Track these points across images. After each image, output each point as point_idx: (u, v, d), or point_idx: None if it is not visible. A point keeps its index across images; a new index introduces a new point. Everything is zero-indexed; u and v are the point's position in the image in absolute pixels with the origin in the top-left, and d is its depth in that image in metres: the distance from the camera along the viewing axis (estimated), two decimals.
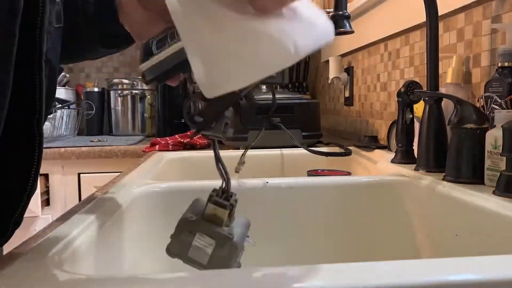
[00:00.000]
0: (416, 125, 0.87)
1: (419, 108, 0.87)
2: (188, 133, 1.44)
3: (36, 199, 1.49)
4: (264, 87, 1.53)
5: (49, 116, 1.77)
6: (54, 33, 0.57)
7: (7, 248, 0.56)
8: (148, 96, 2.06)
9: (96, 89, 2.12)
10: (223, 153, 0.42)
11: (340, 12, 0.85)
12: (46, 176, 1.57)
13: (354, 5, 1.44)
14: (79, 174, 1.58)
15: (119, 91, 2.06)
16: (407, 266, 0.33)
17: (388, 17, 1.27)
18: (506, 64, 0.71)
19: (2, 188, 0.53)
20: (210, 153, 1.25)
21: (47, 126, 1.77)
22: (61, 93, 2.01)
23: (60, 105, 1.85)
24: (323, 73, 2.08)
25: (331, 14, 0.86)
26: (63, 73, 2.09)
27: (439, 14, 0.80)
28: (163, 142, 1.37)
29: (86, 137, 2.01)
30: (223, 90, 0.33)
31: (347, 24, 0.86)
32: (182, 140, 1.36)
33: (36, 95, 0.52)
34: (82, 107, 2.12)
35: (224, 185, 0.42)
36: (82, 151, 1.55)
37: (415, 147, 0.87)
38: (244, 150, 0.43)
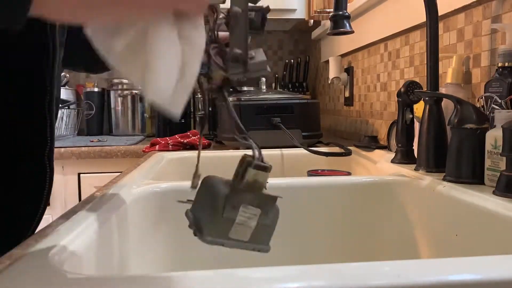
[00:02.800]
0: (416, 125, 0.87)
1: (419, 108, 0.87)
2: (188, 133, 1.44)
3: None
4: (264, 87, 1.53)
5: None
6: (60, 67, 0.61)
7: None
8: None
9: (96, 89, 2.12)
10: (222, 153, 0.42)
11: (340, 12, 0.85)
12: None
13: (354, 5, 1.44)
14: (79, 174, 1.58)
15: (119, 91, 2.06)
16: (407, 266, 0.33)
17: (388, 17, 1.27)
18: (506, 64, 0.71)
19: (21, 199, 0.57)
20: (210, 153, 1.25)
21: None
22: (61, 93, 2.01)
23: (60, 105, 1.85)
24: (323, 73, 2.08)
25: (331, 14, 0.86)
26: (63, 73, 2.09)
27: (439, 14, 0.80)
28: (163, 142, 1.37)
29: (86, 137, 2.01)
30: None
31: (347, 24, 0.86)
32: (182, 140, 1.36)
33: (47, 132, 0.57)
34: (82, 107, 2.12)
35: (254, 151, 0.40)
36: (82, 151, 1.55)
37: (415, 147, 0.87)
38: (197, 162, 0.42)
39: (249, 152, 0.40)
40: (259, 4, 0.43)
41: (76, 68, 0.81)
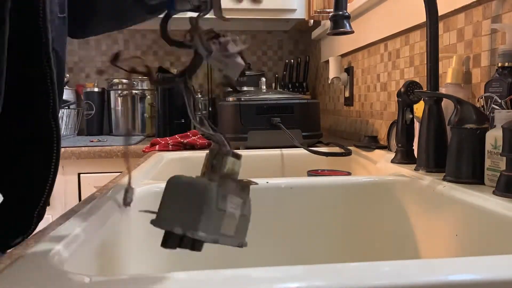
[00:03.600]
0: (416, 125, 0.87)
1: (419, 108, 0.87)
2: (188, 133, 1.44)
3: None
4: (264, 87, 1.53)
5: None
6: (58, 23, 0.57)
7: None
8: (148, 96, 2.06)
9: (96, 89, 2.12)
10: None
11: (340, 12, 0.85)
12: None
13: (354, 5, 1.44)
14: (79, 174, 1.58)
15: (119, 91, 2.06)
16: (407, 266, 0.33)
17: (388, 17, 1.27)
18: (506, 64, 0.71)
19: (25, 182, 0.54)
20: None
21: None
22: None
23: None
24: (323, 73, 2.08)
25: (331, 14, 0.86)
26: None
27: (439, 14, 0.80)
28: (163, 142, 1.37)
29: (86, 137, 2.01)
30: None
31: (347, 24, 0.86)
32: (182, 140, 1.36)
33: (49, 86, 0.52)
34: (82, 107, 2.12)
35: (224, 141, 0.39)
36: (82, 151, 1.55)
37: (415, 147, 0.87)
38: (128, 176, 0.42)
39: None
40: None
41: (138, 18, 0.74)
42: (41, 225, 0.52)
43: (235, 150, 0.39)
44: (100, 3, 0.67)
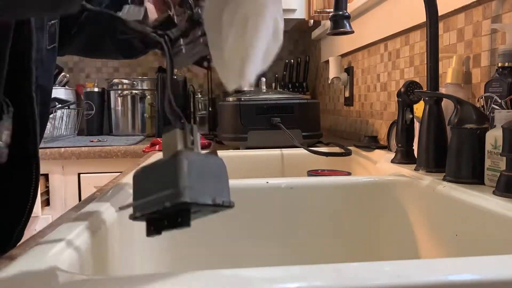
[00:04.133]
0: (416, 125, 0.87)
1: (419, 108, 0.87)
2: None
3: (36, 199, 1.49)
4: (264, 87, 1.53)
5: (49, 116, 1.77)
6: (47, 55, 0.58)
7: None
8: (148, 96, 2.06)
9: (96, 89, 2.11)
10: (222, 153, 0.41)
11: (340, 12, 0.85)
12: (46, 176, 1.57)
13: (354, 5, 1.44)
14: (79, 174, 1.58)
15: (119, 91, 2.06)
16: (407, 266, 0.33)
17: (388, 17, 1.27)
18: (506, 64, 0.71)
19: (5, 204, 0.55)
20: None
21: (47, 126, 1.77)
22: (61, 93, 2.01)
23: (60, 105, 1.85)
24: (323, 73, 2.08)
25: (331, 14, 0.86)
26: (63, 73, 2.09)
27: (439, 14, 0.80)
28: None
29: (86, 137, 2.01)
30: None
31: (347, 24, 0.86)
32: None
33: (30, 123, 0.55)
34: (82, 107, 2.12)
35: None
36: (82, 151, 1.55)
37: (415, 147, 0.87)
38: None
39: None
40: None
41: (112, 56, 0.80)
42: (41, 225, 0.52)
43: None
44: (78, 38, 0.70)
